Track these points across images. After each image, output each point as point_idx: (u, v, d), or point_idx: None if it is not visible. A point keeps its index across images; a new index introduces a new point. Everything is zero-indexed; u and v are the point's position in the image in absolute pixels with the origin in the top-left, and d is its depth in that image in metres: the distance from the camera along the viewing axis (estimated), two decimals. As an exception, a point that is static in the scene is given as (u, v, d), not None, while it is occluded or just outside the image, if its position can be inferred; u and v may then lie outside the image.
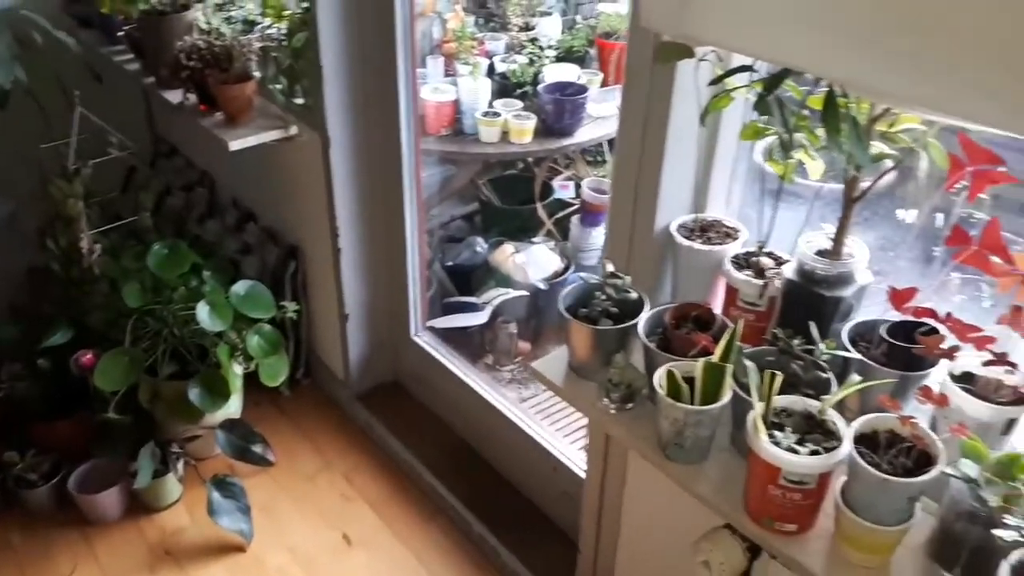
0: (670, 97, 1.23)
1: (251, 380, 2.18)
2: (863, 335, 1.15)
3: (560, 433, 2.13)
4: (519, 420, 2.08)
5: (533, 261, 2.62)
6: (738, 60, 1.10)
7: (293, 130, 2.04)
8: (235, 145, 1.97)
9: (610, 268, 1.28)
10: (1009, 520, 0.84)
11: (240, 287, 2.10)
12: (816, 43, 0.92)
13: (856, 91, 1.00)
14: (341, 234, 2.13)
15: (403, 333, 2.38)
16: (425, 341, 2.36)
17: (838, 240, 1.15)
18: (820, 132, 1.08)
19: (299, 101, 2.08)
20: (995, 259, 1.06)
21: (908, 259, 1.24)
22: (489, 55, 2.67)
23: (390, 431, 2.32)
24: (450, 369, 2.27)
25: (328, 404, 2.50)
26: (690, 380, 1.10)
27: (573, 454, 1.96)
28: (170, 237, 2.20)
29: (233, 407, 2.21)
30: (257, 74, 2.12)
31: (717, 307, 1.30)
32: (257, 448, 2.15)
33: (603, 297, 1.26)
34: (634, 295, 1.27)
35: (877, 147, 1.09)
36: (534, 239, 2.74)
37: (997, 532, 0.84)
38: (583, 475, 1.73)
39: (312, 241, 2.29)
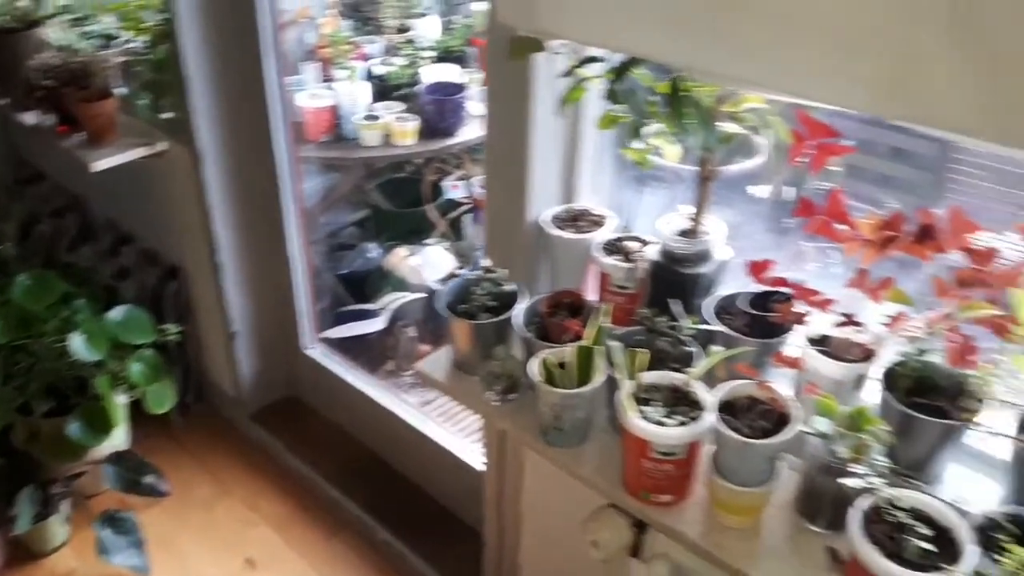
0: (530, 91, 1.25)
1: (138, 409, 2.09)
2: (727, 308, 1.20)
3: (464, 432, 2.13)
4: (421, 424, 2.07)
5: (428, 263, 2.61)
6: (592, 52, 1.13)
7: (161, 146, 1.97)
8: (98, 165, 1.88)
9: (486, 263, 1.29)
10: (856, 469, 0.90)
11: (117, 313, 2.01)
12: (655, 31, 0.96)
13: (698, 75, 1.04)
14: (220, 249, 2.07)
15: (295, 347, 2.33)
16: (320, 353, 2.32)
17: (695, 219, 1.19)
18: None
19: (166, 115, 2.01)
20: (840, 226, 1.13)
21: (764, 232, 1.30)
22: (366, 58, 2.64)
23: (289, 449, 2.27)
24: (347, 380, 2.24)
25: (223, 427, 2.42)
26: (565, 365, 1.12)
27: (476, 451, 1.97)
28: (37, 267, 2.09)
29: (119, 439, 2.11)
30: (120, 90, 2.03)
31: (594, 293, 1.34)
32: (149, 479, 2.06)
33: (481, 292, 1.27)
34: (511, 287, 1.28)
35: (726, 128, 1.14)
36: (428, 240, 2.74)
37: (845, 481, 0.89)
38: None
39: (192, 259, 2.22)
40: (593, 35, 1.02)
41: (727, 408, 1.02)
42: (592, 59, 1.09)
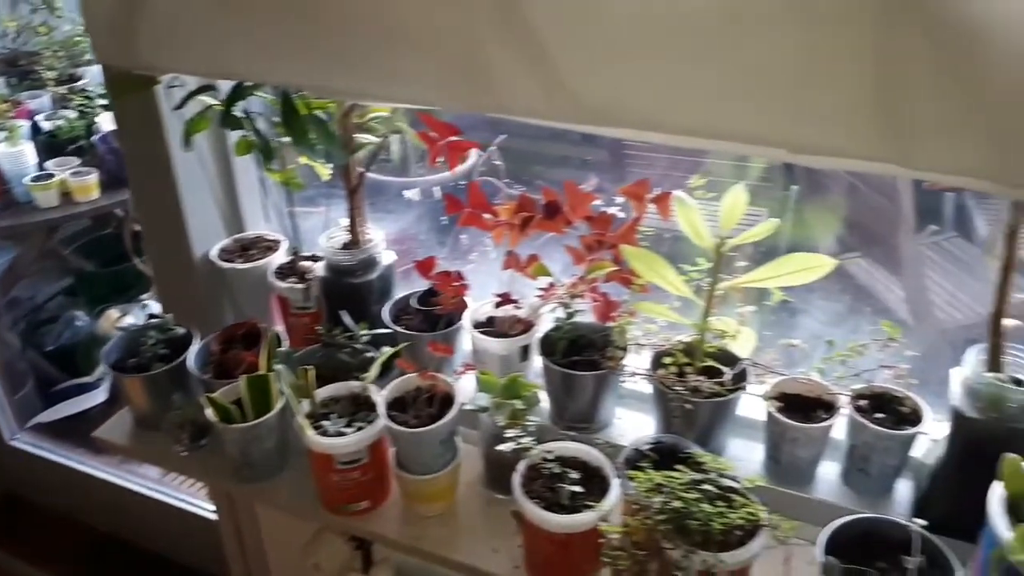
0: (162, 127, 1.21)
1: None
2: (404, 309, 1.25)
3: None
4: (154, 490, 1.93)
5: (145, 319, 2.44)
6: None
7: None
8: None
9: (149, 310, 1.23)
10: (508, 433, 0.96)
11: None
12: (254, 53, 0.96)
13: (309, 91, 1.07)
14: None
15: (-3, 441, 2.08)
16: (28, 442, 2.09)
17: (353, 230, 1.22)
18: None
19: None
20: (486, 216, 1.21)
21: (428, 232, 1.36)
22: (32, 115, 2.41)
23: (9, 552, 2.02)
24: (67, 463, 2.03)
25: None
26: (242, 400, 1.10)
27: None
28: None
29: None
30: None
31: (279, 319, 1.32)
32: None
33: (151, 342, 1.21)
34: (182, 331, 1.23)
35: (360, 139, 1.18)
36: (143, 296, 2.56)
37: (499, 447, 0.95)
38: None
39: None
40: (196, 65, 1.00)
41: (398, 404, 1.06)
42: (203, 88, 1.08)
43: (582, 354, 1.15)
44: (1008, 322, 0.91)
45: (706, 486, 0.88)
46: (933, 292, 2.22)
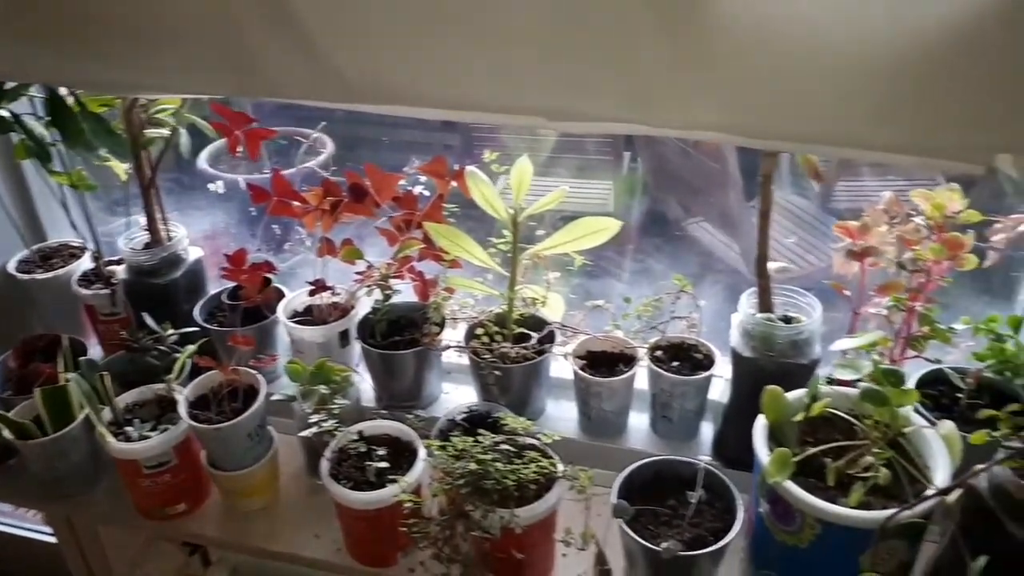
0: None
1: None
2: (219, 306, 1.22)
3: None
4: None
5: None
6: None
7: None
8: None
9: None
10: (314, 419, 0.97)
11: None
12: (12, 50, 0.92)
13: (74, 87, 1.02)
14: None
15: None
16: None
17: (152, 229, 1.18)
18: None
19: None
20: (295, 203, 1.19)
21: (239, 224, 1.34)
22: None
23: None
24: None
25: None
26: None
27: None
28: None
29: None
30: None
31: (91, 328, 1.27)
32: None
33: (-57, 364, 1.14)
34: (-24, 350, 1.17)
35: (148, 134, 1.14)
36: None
37: (302, 433, 0.96)
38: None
39: None
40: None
41: (202, 402, 1.04)
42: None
43: (403, 334, 1.16)
44: (772, 264, 0.97)
45: (504, 447, 0.91)
46: (771, 248, 2.34)
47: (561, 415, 1.17)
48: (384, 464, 0.94)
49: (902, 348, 0.95)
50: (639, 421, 1.13)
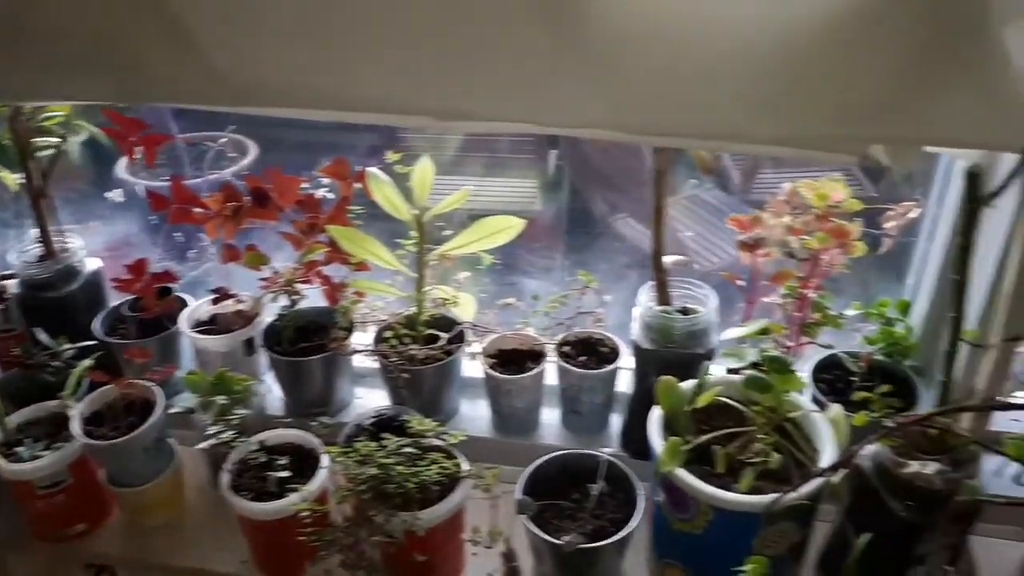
0: None
1: None
2: (120, 318, 1.18)
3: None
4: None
5: None
6: None
7: None
8: None
9: None
10: (212, 430, 0.94)
11: None
12: None
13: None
14: None
15: None
16: None
17: (46, 241, 1.14)
18: None
19: None
20: (197, 209, 1.16)
21: (140, 233, 1.30)
22: None
23: None
24: None
25: None
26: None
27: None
28: None
29: None
30: None
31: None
32: None
33: None
34: None
35: (38, 143, 1.10)
36: None
37: (199, 446, 0.93)
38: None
39: None
40: None
41: (97, 418, 1.00)
42: None
43: (311, 340, 1.15)
44: (668, 258, 0.99)
45: (408, 449, 0.91)
46: (693, 241, 2.39)
47: (475, 414, 1.16)
48: (286, 473, 0.92)
49: (797, 335, 0.97)
50: (551, 417, 1.14)
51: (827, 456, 0.80)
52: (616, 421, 1.12)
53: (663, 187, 0.96)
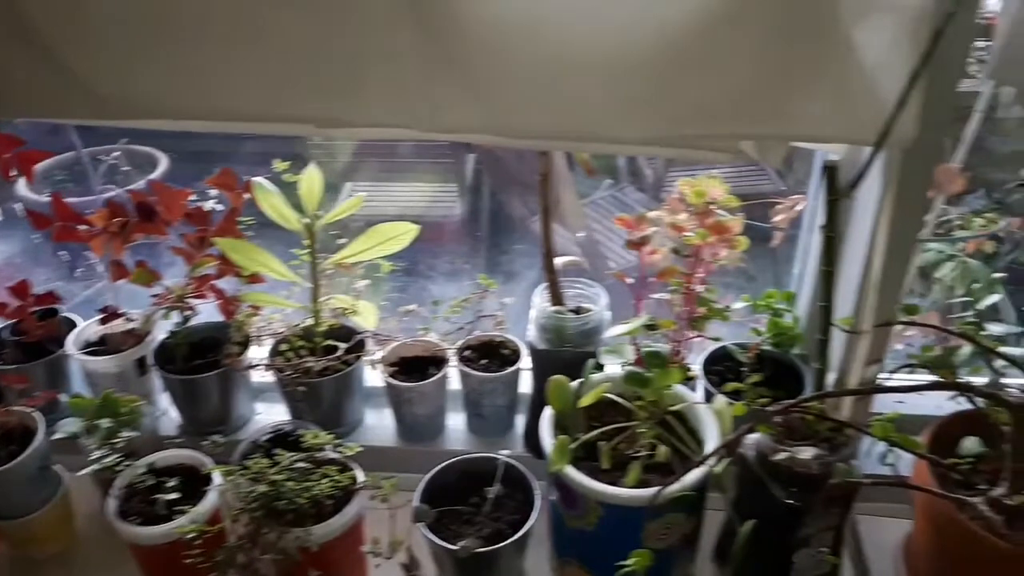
0: None
1: None
2: (2, 343, 1.13)
3: None
4: None
5: None
6: None
7: None
8: None
9: None
10: (96, 455, 0.91)
11: None
12: None
13: None
14: None
15: None
16: None
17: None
18: None
19: None
20: (81, 227, 1.12)
21: (24, 252, 1.25)
22: None
23: None
24: None
25: None
26: None
27: None
28: None
29: None
30: None
31: None
32: None
33: None
34: None
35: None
36: None
37: (81, 472, 0.90)
38: None
39: None
40: None
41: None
42: None
43: (206, 356, 1.12)
44: (559, 259, 1.00)
45: (301, 464, 0.89)
46: (610, 240, 2.43)
47: (380, 424, 1.16)
48: (175, 495, 0.90)
49: (686, 329, 0.99)
50: (457, 422, 1.14)
51: (709, 447, 0.81)
52: (521, 422, 1.13)
53: (548, 189, 0.97)
